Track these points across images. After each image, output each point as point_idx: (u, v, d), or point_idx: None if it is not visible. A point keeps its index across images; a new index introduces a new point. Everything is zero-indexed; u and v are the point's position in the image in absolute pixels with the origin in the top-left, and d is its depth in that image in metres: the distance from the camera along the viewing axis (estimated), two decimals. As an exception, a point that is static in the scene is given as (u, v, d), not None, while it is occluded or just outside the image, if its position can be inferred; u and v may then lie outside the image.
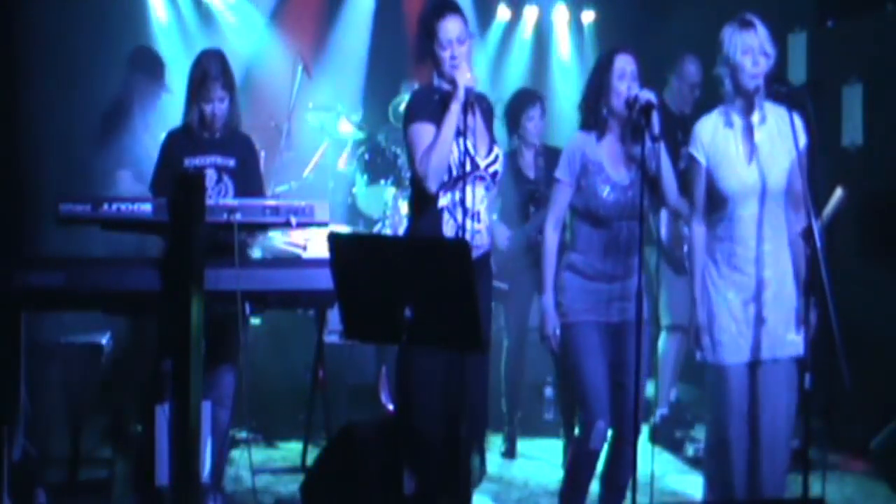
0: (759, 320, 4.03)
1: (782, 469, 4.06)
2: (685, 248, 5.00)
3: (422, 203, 4.07)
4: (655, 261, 5.80)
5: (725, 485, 4.06)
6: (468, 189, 3.96)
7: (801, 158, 3.93)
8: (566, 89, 8.34)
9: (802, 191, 3.97)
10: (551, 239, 4.23)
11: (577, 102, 4.29)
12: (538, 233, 5.70)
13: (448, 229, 4.02)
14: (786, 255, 4.06)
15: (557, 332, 4.21)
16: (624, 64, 4.14)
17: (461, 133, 3.93)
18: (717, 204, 4.08)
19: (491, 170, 4.11)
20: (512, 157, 5.89)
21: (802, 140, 3.94)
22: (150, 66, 5.89)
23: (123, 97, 5.74)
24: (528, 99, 5.96)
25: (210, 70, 4.59)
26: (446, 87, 4.04)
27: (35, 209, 5.55)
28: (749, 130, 4.04)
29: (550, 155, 5.47)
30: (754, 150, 4.02)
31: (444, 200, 4.02)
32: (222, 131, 4.70)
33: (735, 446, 4.02)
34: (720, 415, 4.07)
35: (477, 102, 4.11)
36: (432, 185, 3.97)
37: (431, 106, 4.02)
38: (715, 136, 4.06)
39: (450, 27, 4.03)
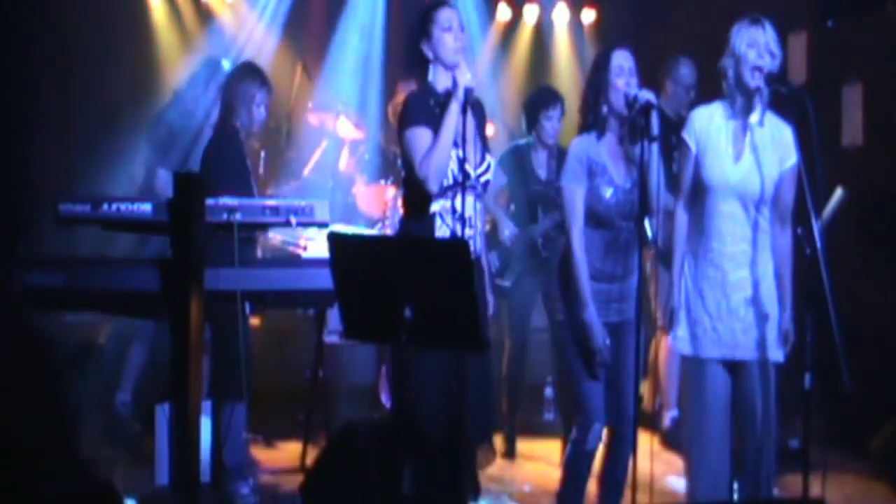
0: (734, 319, 4.03)
1: (768, 470, 4.05)
2: None
3: (415, 206, 4.05)
4: (651, 263, 5.79)
5: (708, 463, 4.06)
6: (458, 198, 3.95)
7: (795, 174, 3.94)
8: (566, 90, 8.32)
9: (792, 205, 4.00)
10: (580, 253, 4.09)
11: (578, 105, 4.27)
12: (544, 238, 5.70)
13: (440, 234, 4.00)
14: (765, 258, 4.05)
15: (608, 341, 4.11)
16: (622, 60, 4.12)
17: (457, 141, 3.92)
18: (699, 194, 4.08)
19: (483, 179, 4.08)
20: (524, 153, 5.85)
21: (795, 158, 3.96)
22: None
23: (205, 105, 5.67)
24: (548, 98, 5.85)
25: (265, 79, 5.01)
26: (441, 87, 4.02)
27: (36, 209, 5.56)
28: (744, 129, 4.05)
29: (564, 158, 5.44)
30: (745, 150, 4.03)
31: (436, 206, 4.00)
32: None
33: (715, 442, 4.03)
34: (698, 409, 4.07)
35: (473, 107, 4.10)
36: (433, 187, 3.94)
37: (427, 110, 3.99)
38: (709, 126, 4.06)
39: (451, 16, 4.02)
